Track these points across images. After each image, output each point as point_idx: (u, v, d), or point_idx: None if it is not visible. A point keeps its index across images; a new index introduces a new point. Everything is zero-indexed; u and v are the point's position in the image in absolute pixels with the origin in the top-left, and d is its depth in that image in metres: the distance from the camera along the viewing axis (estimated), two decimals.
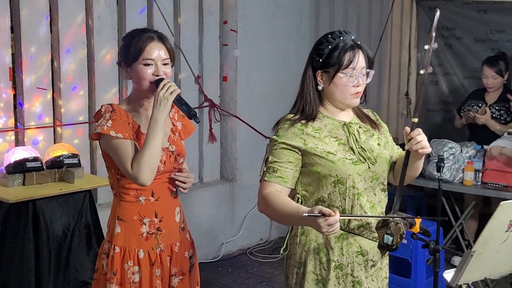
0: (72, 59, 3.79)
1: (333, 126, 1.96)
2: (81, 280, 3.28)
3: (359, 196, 1.92)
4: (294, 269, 1.99)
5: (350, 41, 1.93)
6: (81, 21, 3.81)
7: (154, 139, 1.98)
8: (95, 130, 2.05)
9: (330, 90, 1.94)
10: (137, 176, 1.98)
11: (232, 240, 4.76)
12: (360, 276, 1.97)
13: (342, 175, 1.90)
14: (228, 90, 4.78)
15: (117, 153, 2.01)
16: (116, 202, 2.16)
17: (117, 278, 2.08)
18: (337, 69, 1.91)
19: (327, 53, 1.92)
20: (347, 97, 1.94)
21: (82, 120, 3.87)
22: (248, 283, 4.15)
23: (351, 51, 1.91)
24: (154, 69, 2.05)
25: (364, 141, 1.97)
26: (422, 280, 3.56)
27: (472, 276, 1.87)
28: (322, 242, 1.94)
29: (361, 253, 1.96)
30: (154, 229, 2.13)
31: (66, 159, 3.42)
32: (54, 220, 3.16)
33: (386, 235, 1.93)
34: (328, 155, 1.90)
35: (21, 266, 3.09)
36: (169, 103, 2.00)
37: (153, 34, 2.09)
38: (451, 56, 5.24)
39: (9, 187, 3.22)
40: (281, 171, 1.91)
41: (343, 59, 1.90)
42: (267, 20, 4.89)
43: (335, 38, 1.93)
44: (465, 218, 4.35)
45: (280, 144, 1.93)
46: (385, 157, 2.00)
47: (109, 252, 2.11)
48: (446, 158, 4.02)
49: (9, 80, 3.54)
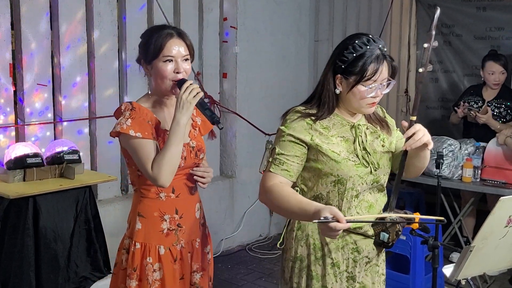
0: (72, 56, 3.79)
1: (341, 126, 1.95)
2: (81, 275, 3.29)
3: (357, 197, 1.92)
4: (290, 263, 2.00)
5: (377, 50, 1.84)
6: (81, 18, 3.81)
7: (176, 142, 1.97)
8: (115, 128, 2.03)
9: (348, 97, 1.90)
10: (157, 178, 1.97)
11: (232, 236, 4.77)
12: (355, 272, 1.98)
13: (343, 175, 1.89)
14: (227, 86, 4.78)
15: (136, 153, 2.00)
16: (136, 198, 2.14)
17: (137, 274, 2.08)
18: (359, 79, 1.84)
19: (351, 61, 1.84)
20: (363, 106, 1.90)
21: (82, 116, 3.87)
22: (247, 279, 4.16)
23: (375, 62, 1.83)
24: (174, 65, 2.04)
25: (369, 143, 1.95)
26: (421, 276, 3.57)
27: (471, 271, 1.88)
28: (317, 238, 1.95)
29: (357, 250, 1.97)
30: (175, 225, 2.12)
31: (67, 155, 3.43)
32: (54, 216, 3.17)
33: (382, 232, 1.94)
34: (333, 154, 1.89)
35: (21, 262, 3.09)
36: (191, 106, 1.98)
37: (173, 30, 2.07)
38: (450, 54, 5.25)
39: (10, 182, 3.22)
40: (287, 164, 1.89)
41: (367, 70, 1.83)
42: (267, 16, 4.89)
43: (362, 46, 1.84)
44: (464, 215, 4.37)
45: (288, 136, 1.91)
46: (388, 159, 1.99)
47: (130, 248, 2.10)
48: (445, 155, 4.03)
49: (9, 76, 3.54)
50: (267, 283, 4.09)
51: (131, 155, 2.04)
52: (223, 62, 4.77)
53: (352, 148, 1.92)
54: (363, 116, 2.01)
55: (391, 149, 2.02)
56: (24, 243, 3.08)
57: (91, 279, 3.31)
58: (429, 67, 1.86)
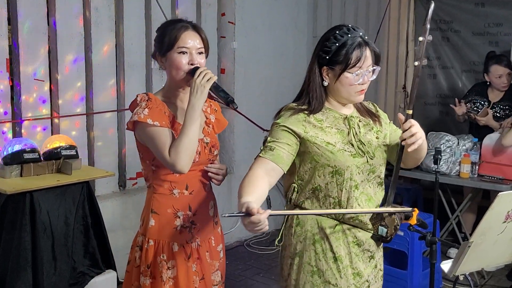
0: (69, 51, 3.78)
1: (334, 118, 1.96)
2: (79, 271, 3.28)
3: (355, 188, 1.93)
4: (289, 260, 1.99)
5: (358, 38, 1.89)
6: (78, 13, 3.79)
7: (192, 125, 1.96)
8: (132, 119, 2.01)
9: (336, 87, 1.93)
10: (175, 163, 1.94)
11: (230, 232, 4.77)
12: (360, 268, 1.97)
13: (340, 166, 1.90)
14: (225, 82, 4.77)
15: (153, 141, 1.98)
16: (150, 195, 2.13)
17: (150, 271, 2.07)
18: (344, 67, 1.88)
19: (334, 51, 1.88)
20: (352, 94, 1.93)
21: (80, 111, 3.86)
22: (245, 274, 4.17)
23: (358, 49, 1.88)
24: (189, 58, 2.03)
25: (363, 134, 1.97)
26: (419, 272, 3.58)
27: (469, 267, 1.88)
28: (317, 233, 1.94)
29: (357, 244, 1.97)
30: (188, 222, 2.10)
31: (64, 150, 3.42)
32: (52, 212, 3.16)
33: (381, 226, 1.94)
34: (328, 145, 1.90)
35: (18, 258, 3.08)
36: (206, 90, 1.98)
37: (188, 23, 2.08)
38: (448, 49, 5.24)
39: (7, 178, 3.21)
40: (277, 150, 1.88)
41: (351, 57, 1.87)
42: (265, 12, 4.88)
43: (343, 35, 1.89)
44: (462, 210, 4.38)
45: (281, 126, 1.92)
46: (383, 151, 2.00)
47: (143, 245, 2.09)
48: (443, 151, 4.03)
49: (6, 71, 3.53)
50: (265, 279, 4.09)
51: (148, 145, 2.03)
52: (221, 57, 4.76)
53: (347, 139, 1.93)
54: (355, 109, 2.03)
55: (385, 141, 2.03)
56: (21, 239, 3.07)
57: (89, 274, 3.30)
58: (424, 60, 1.87)
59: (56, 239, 3.18)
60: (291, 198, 2.00)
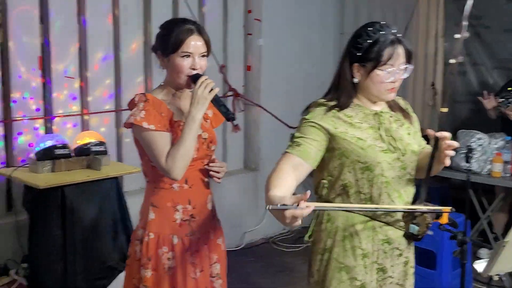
0: (99, 49, 3.83)
1: (364, 115, 1.94)
2: (108, 265, 3.33)
3: (387, 184, 1.90)
4: (318, 256, 1.99)
5: (391, 35, 1.86)
6: (108, 11, 3.84)
7: (190, 137, 1.98)
8: (128, 120, 2.05)
9: (366, 84, 1.91)
10: (170, 171, 1.98)
11: (255, 229, 4.78)
12: (385, 264, 1.96)
13: (371, 162, 1.88)
14: (252, 79, 4.78)
15: (149, 145, 2.01)
16: (149, 189, 2.16)
17: (151, 264, 2.10)
18: (375, 65, 1.86)
19: (366, 48, 1.86)
20: (383, 92, 1.91)
21: (109, 108, 3.92)
22: (270, 272, 4.17)
23: (391, 47, 1.85)
24: (191, 61, 2.05)
25: (394, 130, 1.95)
26: (448, 272, 3.53)
27: (504, 267, 1.85)
28: (347, 229, 1.93)
29: (387, 241, 1.95)
30: (188, 215, 2.14)
31: (93, 146, 3.47)
32: (81, 207, 3.21)
33: (412, 224, 1.92)
34: (358, 141, 1.88)
35: (49, 251, 3.15)
36: (207, 102, 1.99)
37: (193, 26, 2.08)
38: (479, 46, 5.15)
39: (39, 173, 3.27)
40: (304, 146, 1.87)
41: (383, 55, 1.84)
42: (291, 9, 4.86)
43: (375, 32, 1.87)
44: (493, 210, 4.30)
45: (310, 122, 1.90)
46: (414, 147, 1.98)
47: (143, 238, 2.12)
48: (474, 149, 3.96)
49: (38, 69, 3.59)
50: (290, 277, 4.08)
51: (144, 148, 2.06)
52: (247, 54, 4.77)
53: (377, 135, 1.92)
54: (385, 105, 2.01)
55: (416, 139, 2.01)
56: (52, 233, 3.14)
57: (118, 269, 3.34)
58: (459, 58, 1.84)
59: (86, 234, 3.23)
60: (321, 194, 1.99)
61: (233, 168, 4.76)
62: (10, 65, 3.50)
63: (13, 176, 3.29)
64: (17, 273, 3.41)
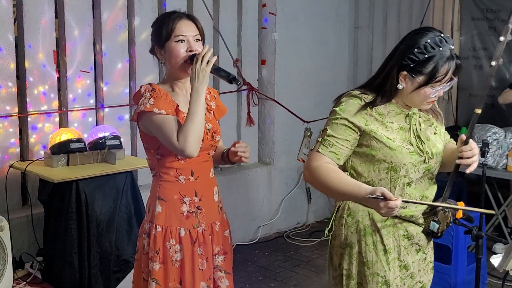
0: (114, 43, 3.84)
1: (396, 114, 1.93)
2: (123, 259, 3.34)
3: (409, 185, 1.91)
4: (339, 250, 1.99)
5: (447, 52, 1.82)
6: (122, 5, 3.85)
7: (198, 110, 2.00)
8: (138, 109, 2.06)
9: (411, 95, 1.88)
10: (184, 148, 1.99)
11: (269, 223, 4.78)
12: (407, 260, 1.96)
13: (397, 162, 1.87)
14: (266, 73, 4.77)
15: (161, 129, 2.02)
16: (155, 182, 2.18)
17: (159, 257, 2.11)
18: (427, 81, 1.83)
19: (421, 61, 1.82)
20: (424, 104, 1.91)
21: (123, 102, 3.93)
22: (285, 266, 4.17)
23: (446, 65, 1.82)
24: (187, 45, 2.08)
25: (423, 131, 1.94)
26: (463, 266, 3.50)
27: None
28: (368, 224, 1.93)
29: (407, 237, 1.95)
30: (194, 207, 2.15)
31: (108, 140, 3.49)
32: (96, 200, 3.23)
33: (433, 222, 1.91)
34: (387, 140, 1.87)
35: (64, 244, 3.17)
36: (207, 73, 2.02)
37: (181, 14, 2.13)
38: (495, 40, 5.07)
39: (54, 167, 3.30)
40: (336, 147, 1.88)
41: (438, 72, 1.81)
42: (305, 2, 4.84)
43: (434, 47, 1.81)
44: (509, 205, 4.25)
45: (342, 119, 1.89)
46: (440, 148, 1.97)
47: (150, 231, 2.13)
48: (490, 143, 3.92)
49: (53, 63, 3.62)
50: (304, 271, 4.08)
51: (155, 134, 2.06)
52: (262, 48, 4.76)
53: (406, 136, 1.91)
54: None
55: (442, 139, 2.01)
56: (67, 226, 3.16)
57: (132, 262, 3.34)
58: (500, 60, 1.83)
59: (101, 227, 3.25)
60: None
61: (248, 162, 4.76)
62: (25, 60, 3.53)
63: (28, 170, 3.33)
64: (32, 266, 3.46)
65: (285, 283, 3.89)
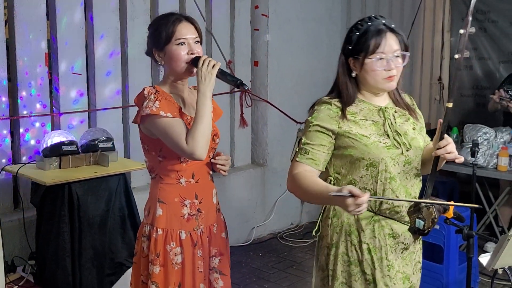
0: (106, 45, 3.84)
1: (368, 110, 1.96)
2: (116, 261, 3.34)
3: (391, 180, 1.92)
4: (325, 251, 2.00)
5: (379, 25, 1.90)
6: (115, 7, 3.85)
7: (205, 112, 2.00)
8: (143, 112, 2.03)
9: (362, 76, 1.94)
10: (194, 150, 1.98)
11: (263, 224, 4.79)
12: (393, 259, 1.96)
13: (374, 158, 1.89)
14: (259, 75, 4.78)
15: (168, 132, 2.01)
16: (155, 185, 2.16)
17: (160, 260, 2.11)
18: (365, 54, 1.90)
19: (355, 40, 1.91)
20: (379, 82, 1.92)
21: (116, 105, 3.93)
22: (278, 267, 4.18)
23: (378, 36, 1.89)
24: (187, 48, 2.07)
25: (399, 125, 1.96)
26: (455, 266, 3.53)
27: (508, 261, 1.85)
28: (353, 224, 1.94)
29: (393, 236, 1.96)
30: (195, 210, 2.15)
31: (101, 143, 3.48)
32: (89, 203, 3.23)
33: (418, 219, 1.93)
34: (362, 138, 1.90)
35: (57, 247, 3.16)
36: (213, 76, 2.02)
37: (180, 16, 2.13)
38: (486, 40, 5.12)
39: (46, 170, 3.29)
40: (312, 153, 1.92)
41: (370, 44, 1.88)
42: (298, 4, 4.86)
43: (363, 24, 1.91)
44: (499, 204, 4.29)
45: (315, 126, 1.94)
46: (420, 142, 1.99)
47: (151, 234, 2.12)
48: (480, 143, 3.95)
49: (45, 66, 3.61)
50: (298, 271, 4.10)
51: (161, 137, 2.05)
52: (255, 50, 4.77)
53: (382, 131, 1.93)
54: (390, 101, 2.02)
55: (421, 134, 2.02)
56: (60, 229, 3.15)
57: (126, 265, 3.36)
58: (465, 53, 1.84)
59: (94, 230, 3.24)
60: None
61: (241, 164, 4.78)
62: (16, 62, 3.52)
63: (20, 173, 3.32)
64: (24, 270, 3.44)
65: (278, 284, 3.89)
